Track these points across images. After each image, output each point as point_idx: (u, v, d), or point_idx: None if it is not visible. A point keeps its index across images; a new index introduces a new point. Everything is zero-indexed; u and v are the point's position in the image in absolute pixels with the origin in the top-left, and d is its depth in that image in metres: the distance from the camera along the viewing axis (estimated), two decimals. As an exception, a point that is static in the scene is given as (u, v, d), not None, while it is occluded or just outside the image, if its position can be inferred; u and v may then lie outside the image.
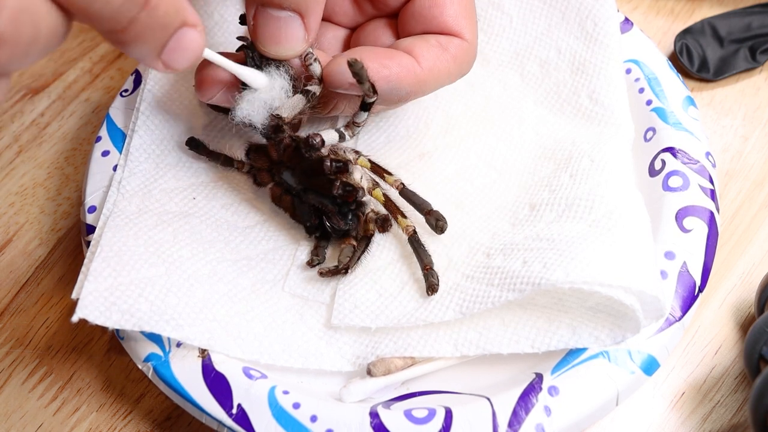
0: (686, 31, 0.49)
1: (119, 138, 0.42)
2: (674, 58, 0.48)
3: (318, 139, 0.36)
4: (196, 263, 0.37)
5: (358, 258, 0.37)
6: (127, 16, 0.25)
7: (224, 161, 0.41)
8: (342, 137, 0.38)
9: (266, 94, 0.35)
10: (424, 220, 0.38)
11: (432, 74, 0.36)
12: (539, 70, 0.44)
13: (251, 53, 0.35)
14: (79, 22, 0.25)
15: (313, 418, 0.33)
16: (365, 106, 0.36)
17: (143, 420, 0.38)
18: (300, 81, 0.36)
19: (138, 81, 0.44)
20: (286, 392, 0.34)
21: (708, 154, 0.40)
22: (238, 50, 0.36)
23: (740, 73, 0.48)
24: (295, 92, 0.36)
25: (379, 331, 0.37)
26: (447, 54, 0.37)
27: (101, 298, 0.34)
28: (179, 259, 0.37)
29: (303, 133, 0.37)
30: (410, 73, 0.35)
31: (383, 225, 0.38)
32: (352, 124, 0.38)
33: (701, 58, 0.48)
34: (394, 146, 0.42)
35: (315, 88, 0.36)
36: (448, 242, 0.38)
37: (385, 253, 0.38)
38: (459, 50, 0.37)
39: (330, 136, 0.37)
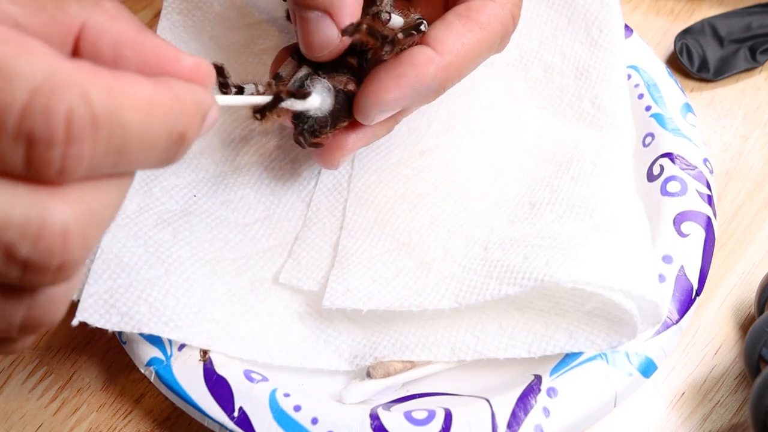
0: (686, 31, 0.49)
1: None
2: (674, 58, 0.48)
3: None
4: (195, 263, 0.37)
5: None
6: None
7: None
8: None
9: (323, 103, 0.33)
10: None
11: (459, 57, 0.33)
12: (543, 74, 0.44)
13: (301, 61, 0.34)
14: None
15: (314, 420, 0.33)
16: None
17: (143, 420, 0.38)
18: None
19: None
20: (287, 395, 0.34)
21: (705, 160, 0.40)
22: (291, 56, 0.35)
23: (740, 73, 0.48)
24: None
25: (376, 331, 0.37)
26: (472, 27, 0.33)
27: (101, 300, 0.34)
28: (178, 260, 0.37)
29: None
30: (428, 68, 0.33)
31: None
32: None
33: (701, 58, 0.48)
34: (396, 143, 0.42)
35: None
36: (446, 235, 0.38)
37: (381, 243, 0.38)
38: (490, 17, 0.34)
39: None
